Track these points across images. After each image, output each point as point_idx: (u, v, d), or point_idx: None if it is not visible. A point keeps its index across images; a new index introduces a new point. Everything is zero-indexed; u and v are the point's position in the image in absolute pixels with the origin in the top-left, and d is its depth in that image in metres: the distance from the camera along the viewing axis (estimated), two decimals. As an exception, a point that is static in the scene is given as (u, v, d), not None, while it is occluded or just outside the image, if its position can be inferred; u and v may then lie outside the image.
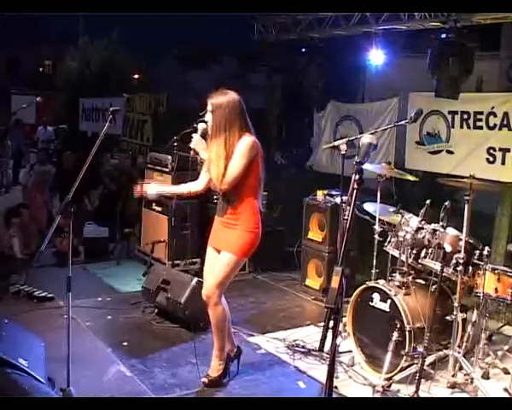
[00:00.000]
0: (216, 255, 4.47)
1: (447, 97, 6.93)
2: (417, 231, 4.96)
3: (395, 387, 4.49)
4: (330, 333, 2.49)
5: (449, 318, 4.67)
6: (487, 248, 4.79)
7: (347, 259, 2.57)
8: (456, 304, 4.62)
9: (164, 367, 4.85)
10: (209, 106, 4.32)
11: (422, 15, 7.31)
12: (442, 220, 4.81)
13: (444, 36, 6.87)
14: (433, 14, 7.14)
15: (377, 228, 5.45)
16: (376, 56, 9.07)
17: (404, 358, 4.53)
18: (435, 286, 4.63)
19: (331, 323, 2.47)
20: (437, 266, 4.71)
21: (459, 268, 4.62)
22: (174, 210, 6.91)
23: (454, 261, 4.69)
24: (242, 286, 6.88)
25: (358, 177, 2.69)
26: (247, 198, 4.32)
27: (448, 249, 4.65)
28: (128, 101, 11.91)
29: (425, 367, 4.41)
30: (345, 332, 5.14)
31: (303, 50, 10.18)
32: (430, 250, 4.86)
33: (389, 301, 4.71)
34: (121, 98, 12.22)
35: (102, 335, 5.47)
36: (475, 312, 4.89)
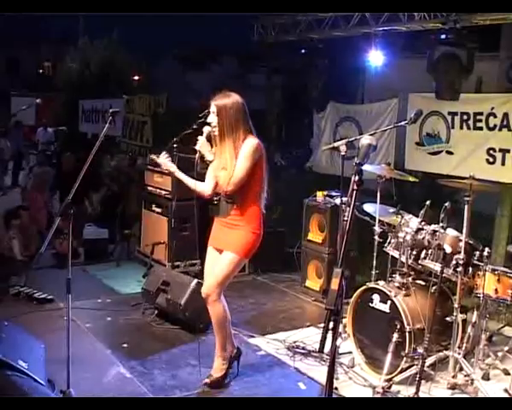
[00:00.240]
0: (217, 255, 4.49)
1: (448, 99, 6.94)
2: (417, 232, 4.96)
3: (395, 388, 4.48)
4: (330, 334, 2.49)
5: (449, 319, 4.66)
6: (487, 248, 4.78)
7: (347, 260, 2.57)
8: (456, 305, 4.62)
9: (164, 369, 4.85)
10: (213, 107, 4.33)
11: (422, 16, 7.31)
12: (442, 221, 4.80)
13: (443, 37, 6.87)
14: (433, 14, 7.14)
15: (377, 229, 5.45)
16: (376, 57, 9.07)
17: (405, 359, 4.53)
18: (435, 287, 4.63)
19: (331, 324, 2.47)
20: (437, 267, 4.71)
21: (459, 269, 4.61)
22: (174, 211, 6.91)
23: (454, 262, 4.68)
24: (242, 287, 6.89)
25: (358, 178, 2.69)
26: (251, 199, 4.36)
27: (448, 250, 4.64)
28: (128, 102, 11.90)
29: (425, 368, 4.41)
30: (345, 333, 5.14)
31: (302, 51, 10.17)
32: (430, 251, 4.86)
33: (389, 302, 4.71)
34: (121, 99, 12.22)
35: (102, 336, 5.47)
36: (475, 313, 4.89)
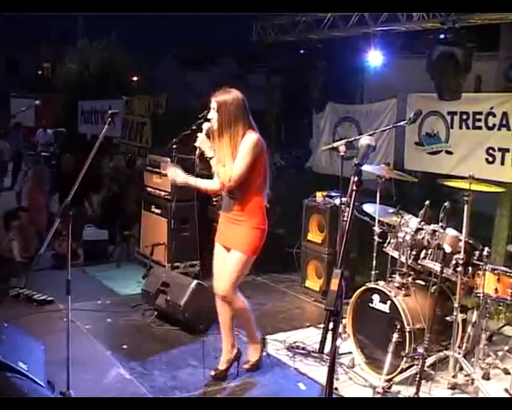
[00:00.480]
0: (225, 252, 4.56)
1: (449, 100, 6.96)
2: (417, 232, 4.96)
3: (395, 388, 4.48)
4: (330, 335, 2.49)
5: (449, 318, 4.66)
6: (487, 248, 4.78)
7: (347, 260, 2.56)
8: (456, 305, 4.61)
9: (164, 370, 4.85)
10: (213, 104, 4.37)
11: (421, 16, 7.31)
12: (441, 221, 4.80)
13: (442, 36, 6.87)
14: (432, 14, 7.14)
15: (377, 229, 5.44)
16: (375, 57, 9.06)
17: (405, 359, 4.52)
18: (435, 287, 4.62)
19: (331, 325, 2.47)
20: (437, 267, 4.70)
21: (459, 269, 4.61)
22: (173, 212, 6.90)
23: (454, 262, 4.67)
24: (242, 288, 6.75)
25: (357, 178, 2.68)
26: (252, 194, 4.39)
27: (448, 250, 4.64)
28: (127, 103, 11.91)
29: (425, 368, 4.40)
30: (345, 334, 5.14)
31: (302, 51, 10.16)
32: (430, 251, 4.86)
33: (389, 302, 4.71)
34: (120, 100, 12.22)
35: (102, 338, 5.47)
36: (475, 312, 4.89)
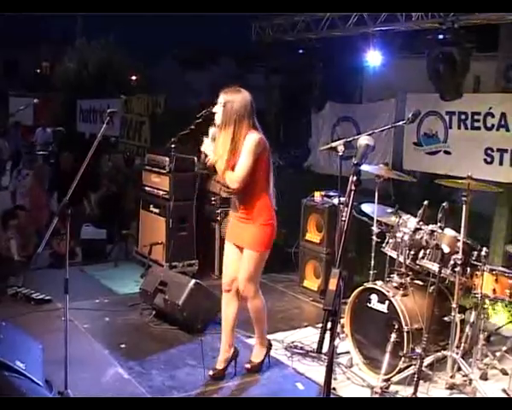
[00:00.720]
0: (236, 251, 4.63)
1: (450, 100, 6.97)
2: (415, 232, 4.95)
3: (393, 388, 4.48)
4: (328, 335, 2.49)
5: (447, 319, 4.66)
6: (485, 248, 4.78)
7: (345, 260, 2.56)
8: (454, 305, 4.61)
9: (162, 369, 4.84)
10: (221, 99, 4.42)
11: (420, 16, 7.30)
12: (440, 221, 4.80)
13: (441, 37, 6.87)
14: (431, 14, 7.14)
15: (375, 229, 5.44)
16: (374, 57, 9.06)
17: (403, 359, 4.53)
18: (433, 287, 4.62)
19: (329, 325, 2.47)
20: (435, 267, 4.70)
21: (457, 269, 4.61)
22: (171, 212, 6.90)
23: (452, 262, 4.67)
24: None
25: (356, 178, 2.69)
26: (258, 193, 4.44)
27: (446, 250, 4.64)
28: (126, 102, 11.91)
29: (423, 368, 4.40)
30: (343, 333, 5.13)
31: (301, 51, 10.16)
32: (428, 251, 4.85)
33: (387, 302, 4.71)
34: (119, 99, 12.22)
35: (100, 337, 5.46)
36: (473, 313, 4.89)
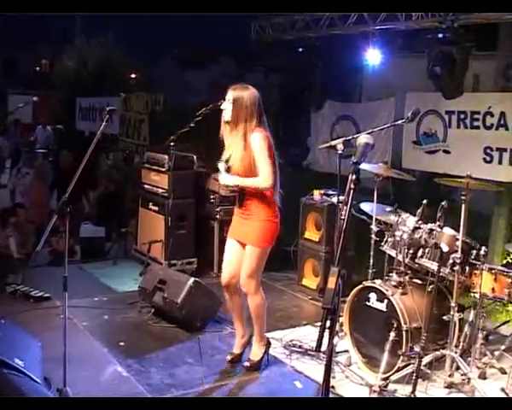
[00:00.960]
0: (237, 247, 4.66)
1: (451, 98, 6.99)
2: (414, 231, 4.95)
3: (392, 387, 4.48)
4: (327, 333, 2.49)
5: (446, 318, 4.66)
6: (484, 247, 4.78)
7: (344, 259, 2.57)
8: (452, 304, 4.62)
9: (160, 367, 4.84)
10: (229, 95, 4.46)
11: (419, 15, 7.30)
12: (439, 220, 4.80)
13: (441, 36, 6.87)
14: (431, 13, 7.14)
15: (374, 228, 5.45)
16: (373, 56, 9.06)
17: (401, 358, 4.53)
18: (432, 286, 4.63)
19: (328, 323, 2.47)
20: (434, 266, 4.71)
21: (456, 268, 4.61)
22: (170, 209, 6.90)
23: (451, 261, 4.67)
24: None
25: (355, 177, 2.69)
26: (261, 190, 4.48)
27: (445, 249, 4.64)
28: (125, 100, 11.90)
29: (422, 367, 4.41)
30: (342, 332, 5.13)
31: (300, 50, 10.17)
32: (427, 250, 4.85)
33: (386, 300, 4.71)
34: (118, 98, 12.22)
35: (99, 335, 5.46)
36: (472, 312, 4.89)
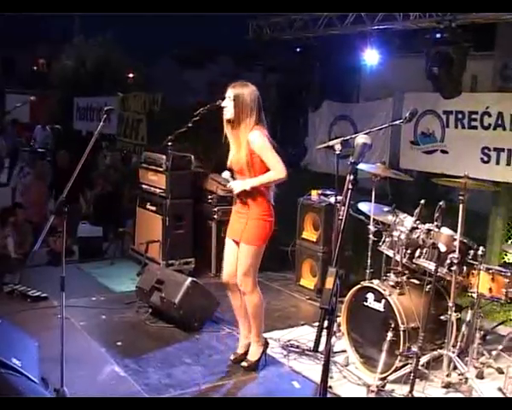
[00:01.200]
0: (234, 246, 4.70)
1: (450, 98, 7.00)
2: (412, 231, 4.96)
3: (389, 387, 4.49)
4: (325, 333, 2.49)
5: (443, 317, 4.67)
6: (482, 248, 4.79)
7: (342, 259, 2.57)
8: (450, 304, 4.62)
9: (158, 367, 4.84)
10: (229, 93, 4.49)
11: (417, 15, 7.31)
12: (436, 220, 4.80)
13: (438, 36, 6.88)
14: (428, 13, 7.15)
15: (372, 228, 5.45)
16: (371, 56, 9.06)
17: (399, 358, 4.53)
18: (430, 286, 4.63)
19: (326, 323, 2.47)
20: (431, 266, 4.71)
21: (453, 268, 4.62)
22: (168, 209, 6.90)
23: (448, 261, 4.68)
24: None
25: (353, 177, 2.69)
26: (255, 188, 4.50)
27: (442, 249, 4.64)
28: (123, 100, 11.89)
29: (419, 367, 4.41)
30: (339, 332, 5.13)
31: (298, 50, 10.16)
32: (424, 250, 4.86)
33: (383, 300, 4.71)
34: (116, 97, 12.20)
35: (96, 335, 5.45)
36: (469, 311, 4.89)
